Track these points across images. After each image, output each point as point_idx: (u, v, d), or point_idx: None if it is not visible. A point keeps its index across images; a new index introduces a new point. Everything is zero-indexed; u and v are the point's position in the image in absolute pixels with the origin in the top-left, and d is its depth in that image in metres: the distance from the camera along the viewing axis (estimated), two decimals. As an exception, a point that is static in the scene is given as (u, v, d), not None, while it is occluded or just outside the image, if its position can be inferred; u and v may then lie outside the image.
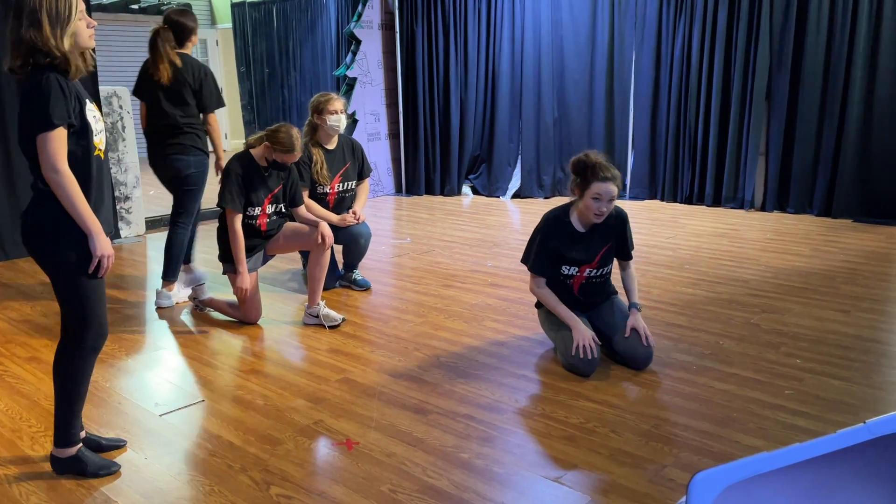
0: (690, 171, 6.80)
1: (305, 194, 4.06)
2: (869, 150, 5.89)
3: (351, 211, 4.29)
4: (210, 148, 4.13)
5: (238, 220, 3.59)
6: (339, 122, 4.16)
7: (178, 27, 4.01)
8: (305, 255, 4.55)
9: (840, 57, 5.90)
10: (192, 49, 4.14)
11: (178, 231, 4.12)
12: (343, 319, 3.74)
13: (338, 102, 4.16)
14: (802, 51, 6.06)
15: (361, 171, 4.42)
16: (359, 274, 4.44)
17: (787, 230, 5.71)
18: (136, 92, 4.12)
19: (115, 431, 2.62)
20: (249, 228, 3.69)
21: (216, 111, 4.12)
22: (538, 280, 3.20)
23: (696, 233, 5.68)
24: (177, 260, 4.13)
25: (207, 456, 2.45)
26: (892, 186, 5.84)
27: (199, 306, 3.96)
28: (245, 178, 3.60)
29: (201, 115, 4.10)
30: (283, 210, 3.81)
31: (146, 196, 7.23)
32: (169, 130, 4.01)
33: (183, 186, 4.08)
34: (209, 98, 4.06)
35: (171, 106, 3.99)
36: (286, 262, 5.03)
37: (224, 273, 3.76)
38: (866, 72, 5.81)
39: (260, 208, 3.68)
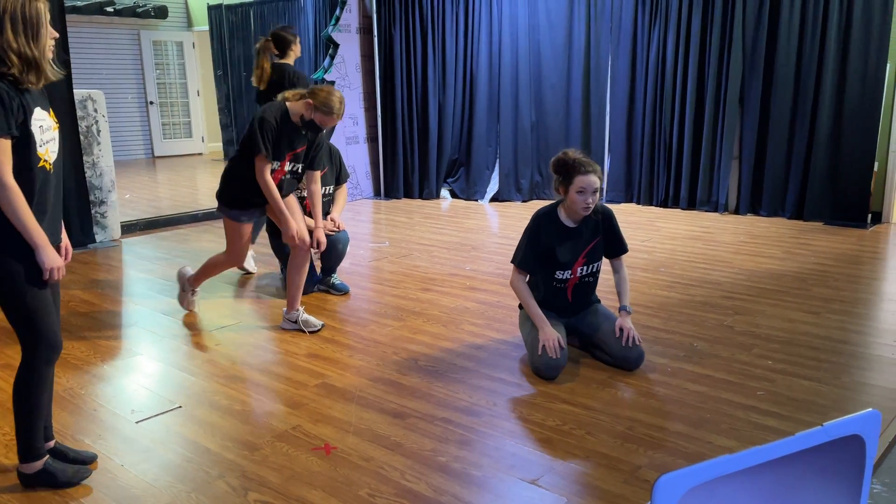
0: (665, 175, 6.89)
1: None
2: (839, 154, 6.01)
3: (329, 218, 4.30)
4: None
5: (268, 170, 3.48)
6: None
7: (279, 39, 4.69)
8: (283, 261, 4.55)
9: (811, 62, 6.02)
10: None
11: None
12: (322, 325, 3.74)
13: None
14: (774, 56, 6.17)
15: (339, 176, 4.43)
16: (337, 278, 4.45)
17: (759, 233, 5.80)
18: (256, 99, 4.84)
19: (90, 438, 2.61)
20: None
21: None
22: (520, 276, 3.23)
23: (670, 236, 5.75)
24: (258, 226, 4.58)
25: (184, 462, 2.44)
26: (861, 189, 5.97)
27: (192, 291, 3.97)
28: (277, 131, 3.50)
29: None
30: (299, 171, 3.72)
31: (122, 200, 7.18)
32: None
33: None
34: None
35: None
36: (264, 266, 5.02)
37: (218, 210, 3.67)
38: (836, 76, 5.93)
39: (279, 163, 3.58)
